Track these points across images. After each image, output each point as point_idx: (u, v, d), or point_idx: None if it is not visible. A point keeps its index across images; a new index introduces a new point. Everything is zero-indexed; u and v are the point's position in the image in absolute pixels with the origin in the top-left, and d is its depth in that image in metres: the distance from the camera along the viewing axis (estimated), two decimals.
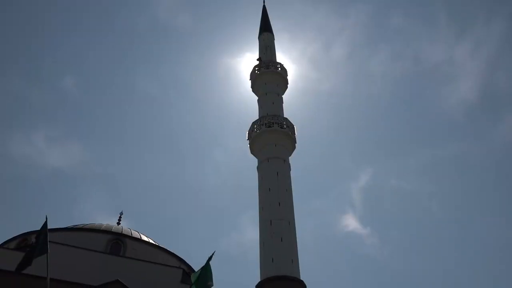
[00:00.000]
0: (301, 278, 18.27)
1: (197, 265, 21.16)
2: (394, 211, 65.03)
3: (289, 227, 19.83)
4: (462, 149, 64.81)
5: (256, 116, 25.54)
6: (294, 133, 24.33)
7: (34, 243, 8.70)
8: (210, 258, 9.82)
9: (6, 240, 18.93)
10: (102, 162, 67.49)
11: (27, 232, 18.51)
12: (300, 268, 18.83)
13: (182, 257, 20.43)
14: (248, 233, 65.16)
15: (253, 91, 28.30)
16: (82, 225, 19.67)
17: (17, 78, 64.79)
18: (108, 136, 70.29)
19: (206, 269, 9.62)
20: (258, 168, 22.80)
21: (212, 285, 9.54)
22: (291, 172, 22.74)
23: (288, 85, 28.25)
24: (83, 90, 69.75)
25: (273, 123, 23.59)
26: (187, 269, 19.76)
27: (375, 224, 64.31)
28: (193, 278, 9.78)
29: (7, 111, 61.36)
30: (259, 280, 18.51)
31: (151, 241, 19.94)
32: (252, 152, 24.13)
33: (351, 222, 65.97)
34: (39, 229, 8.99)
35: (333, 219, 66.38)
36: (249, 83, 28.81)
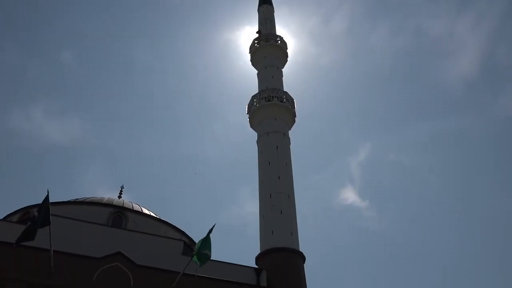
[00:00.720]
0: (300, 250, 18.56)
1: (198, 238, 21.47)
2: (392, 185, 65.51)
3: (288, 200, 20.02)
4: (462, 123, 64.74)
5: (255, 90, 25.41)
6: (294, 107, 24.23)
7: (36, 216, 8.75)
8: (210, 231, 9.94)
9: (9, 214, 19.13)
10: (101, 136, 67.53)
11: (29, 206, 18.69)
12: (299, 240, 19.12)
13: (183, 230, 20.69)
14: (248, 206, 65.87)
15: (252, 64, 28.03)
16: (83, 199, 19.83)
17: (15, 52, 64.07)
18: (107, 110, 70.00)
19: (207, 241, 9.75)
20: (257, 142, 22.82)
21: (209, 256, 9.69)
22: (290, 146, 22.78)
23: (288, 59, 27.99)
24: (81, 63, 69.11)
25: (272, 97, 23.47)
26: (188, 241, 20.05)
27: (374, 197, 64.92)
28: (194, 250, 9.95)
29: (6, 85, 60.94)
30: (259, 251, 18.82)
31: (152, 214, 20.14)
32: (252, 126, 24.11)
33: (349, 196, 66.58)
34: (40, 202, 9.05)
35: (332, 193, 66.95)
36: (248, 56, 28.51)
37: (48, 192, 9.18)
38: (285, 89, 25.18)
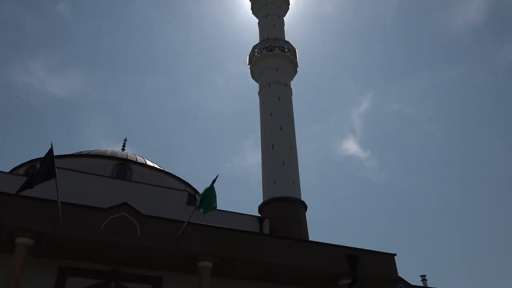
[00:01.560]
0: (302, 199, 18.95)
1: (201, 189, 21.87)
2: (394, 135, 65.62)
3: (290, 151, 20.18)
4: (464, 72, 63.73)
5: (257, 40, 24.88)
6: (296, 57, 23.81)
7: (39, 168, 8.84)
8: (214, 181, 10.09)
9: (15, 167, 19.41)
10: (103, 89, 67.02)
11: (35, 159, 18.92)
12: (301, 190, 19.47)
13: (186, 181, 21.04)
14: (250, 158, 66.48)
15: (253, 13, 27.26)
16: (87, 152, 20.01)
17: (10, 6, 62.19)
18: (108, 63, 68.99)
19: (210, 191, 9.93)
20: (259, 93, 22.66)
21: (216, 207, 9.90)
22: (292, 96, 22.63)
23: (289, 7, 27.16)
24: (79, 15, 67.26)
25: (274, 46, 23.01)
26: (192, 192, 20.46)
27: (375, 147, 65.28)
28: (198, 200, 10.14)
29: (4, 40, 59.71)
30: (262, 201, 19.23)
31: (156, 166, 20.40)
32: (253, 76, 23.83)
33: (351, 146, 66.94)
34: (44, 155, 9.15)
35: (334, 143, 67.24)
36: (249, 4, 27.65)
37: (52, 145, 9.24)
38: (286, 39, 24.65)
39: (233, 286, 11.91)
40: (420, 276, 17.43)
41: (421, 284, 17.23)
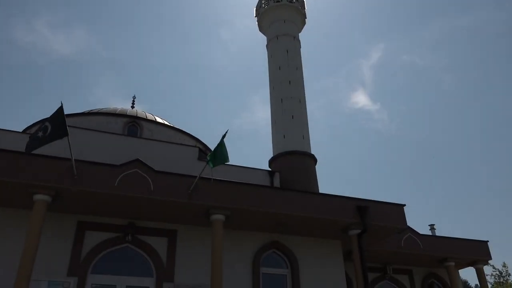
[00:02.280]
0: (312, 153, 19.05)
1: (212, 145, 22.04)
2: (404, 86, 64.54)
3: (299, 105, 20.07)
4: (478, 19, 61.46)
5: None
6: (304, 8, 23.13)
7: (50, 127, 8.88)
8: (224, 136, 10.13)
9: (27, 126, 19.66)
10: (109, 47, 66.24)
11: (46, 118, 19.09)
12: (310, 144, 19.54)
13: (197, 137, 21.18)
14: (259, 112, 66.27)
15: None
16: (97, 110, 20.11)
17: None
18: (113, 19, 67.72)
19: (221, 146, 10.00)
20: (267, 46, 22.24)
21: (226, 161, 10.00)
22: (301, 49, 22.20)
23: None
24: None
25: None
26: (202, 148, 20.66)
27: (385, 100, 64.50)
28: (208, 155, 10.24)
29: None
30: (272, 155, 19.38)
31: (166, 122, 20.49)
32: (261, 29, 23.31)
33: (361, 99, 66.24)
34: (54, 113, 9.19)
35: (343, 97, 66.52)
36: None
37: (61, 104, 9.27)
38: None
39: (245, 237, 12.28)
40: (429, 225, 17.75)
41: (429, 233, 17.57)
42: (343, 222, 11.90)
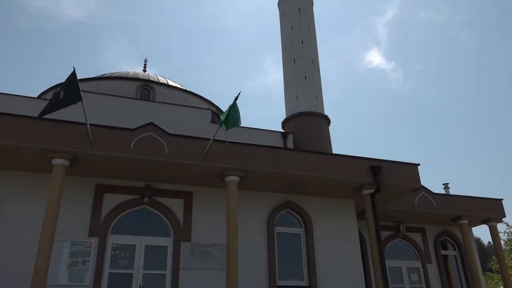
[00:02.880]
0: (325, 114, 18.93)
1: (224, 107, 22.02)
2: (420, 44, 62.73)
3: (312, 65, 19.76)
4: None
5: None
6: None
7: (63, 92, 8.92)
8: (236, 98, 10.10)
9: (42, 92, 19.85)
10: (120, 10, 65.29)
11: (60, 83, 19.22)
12: (324, 104, 19.38)
13: (209, 100, 21.16)
14: (272, 74, 65.50)
15: None
16: (109, 74, 20.11)
17: None
18: None
19: (234, 108, 9.98)
20: (278, 4, 21.69)
21: (239, 123, 10.01)
22: (313, 8, 21.59)
23: None
24: None
25: None
26: (215, 110, 20.67)
27: (400, 58, 62.99)
28: (222, 117, 10.26)
29: None
30: (285, 117, 19.32)
31: (178, 86, 20.45)
32: None
33: (375, 58, 64.77)
34: (66, 79, 9.22)
35: (357, 56, 65.10)
36: None
37: (74, 68, 9.28)
38: None
39: (259, 198, 12.48)
40: (443, 184, 17.75)
41: (443, 192, 17.60)
42: (356, 182, 11.97)
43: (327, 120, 18.84)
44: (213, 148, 10.63)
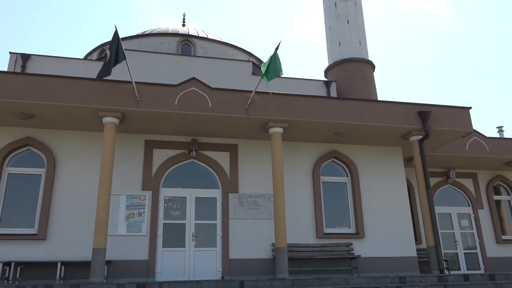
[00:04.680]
0: (370, 59, 18.24)
1: (265, 58, 21.71)
2: None
3: (355, 8, 18.86)
4: None
5: None
6: None
7: (108, 53, 9.19)
8: (277, 48, 9.90)
9: (88, 53, 20.37)
10: None
11: (104, 43, 19.60)
12: (368, 49, 18.64)
13: (250, 51, 20.91)
14: (312, 21, 63.38)
15: None
16: (149, 31, 20.23)
17: None
18: None
19: (275, 58, 9.82)
20: None
21: (281, 74, 9.88)
22: None
23: None
24: None
25: None
26: (256, 62, 20.45)
27: None
28: (262, 68, 10.15)
29: None
30: (327, 65, 18.83)
31: (218, 39, 20.29)
32: None
33: None
34: (110, 39, 9.40)
35: None
36: None
37: (116, 28, 9.41)
38: None
39: (303, 148, 12.50)
40: (497, 127, 16.94)
41: (497, 135, 16.82)
42: (404, 129, 11.66)
43: (371, 66, 18.19)
44: (256, 100, 10.62)
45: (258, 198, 11.73)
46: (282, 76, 11.60)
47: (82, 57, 19.44)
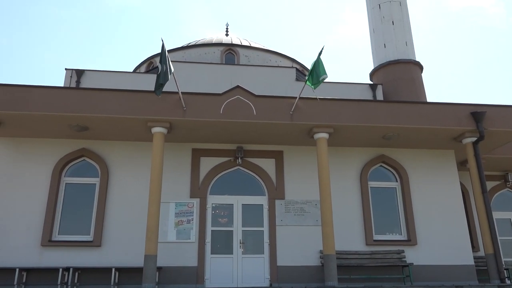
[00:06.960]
0: (417, 60, 17.71)
1: (309, 64, 21.63)
2: None
3: (400, 8, 18.41)
4: None
5: None
6: None
7: (159, 67, 9.42)
8: (320, 53, 9.84)
9: (136, 66, 21.17)
10: None
11: (151, 56, 20.31)
12: (415, 50, 18.12)
13: (293, 57, 20.90)
14: (355, 24, 62.47)
15: None
16: (194, 42, 20.74)
17: None
18: None
19: (319, 63, 9.76)
20: None
21: (325, 78, 9.78)
22: None
23: None
24: None
25: None
26: (299, 68, 20.41)
27: None
28: (307, 76, 10.11)
29: None
30: (372, 68, 18.45)
31: (261, 46, 20.46)
32: None
33: None
34: (159, 52, 9.71)
35: None
36: None
37: (162, 41, 9.71)
38: None
39: (350, 153, 12.27)
40: None
41: None
42: (456, 131, 11.18)
43: (419, 67, 17.63)
44: (300, 106, 10.58)
45: (305, 204, 11.63)
46: (326, 81, 11.48)
47: (131, 70, 20.23)
